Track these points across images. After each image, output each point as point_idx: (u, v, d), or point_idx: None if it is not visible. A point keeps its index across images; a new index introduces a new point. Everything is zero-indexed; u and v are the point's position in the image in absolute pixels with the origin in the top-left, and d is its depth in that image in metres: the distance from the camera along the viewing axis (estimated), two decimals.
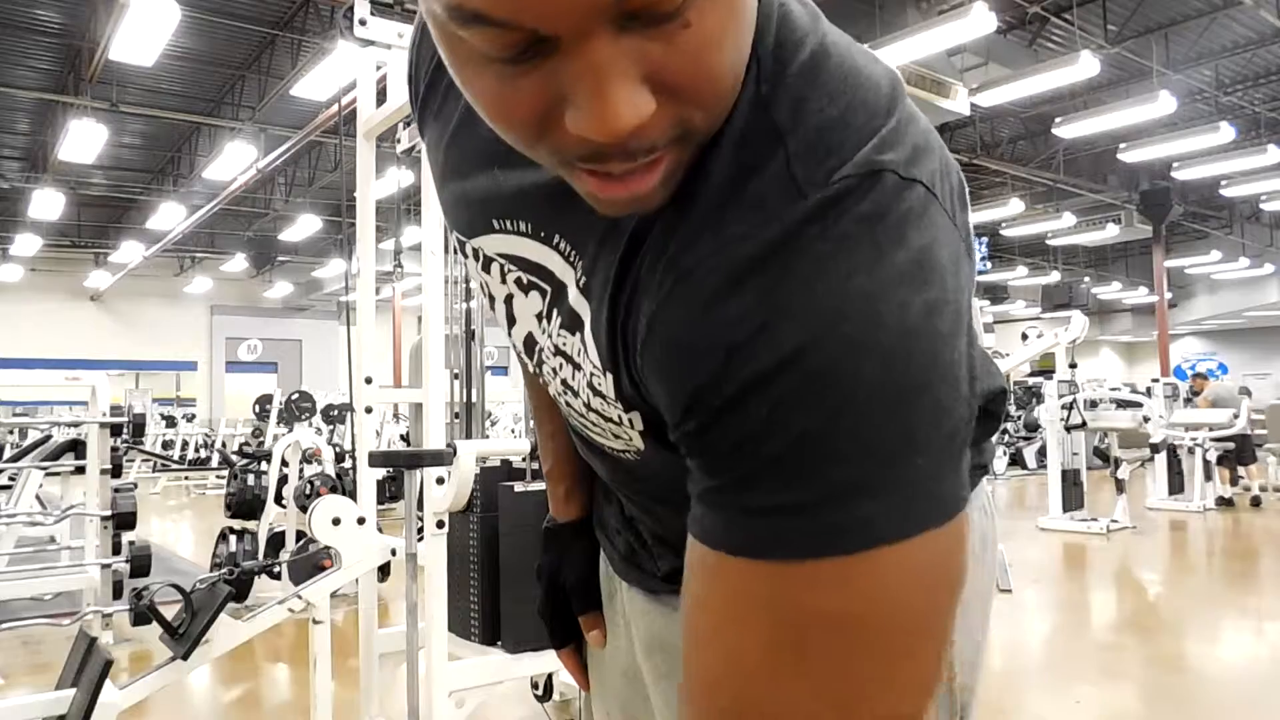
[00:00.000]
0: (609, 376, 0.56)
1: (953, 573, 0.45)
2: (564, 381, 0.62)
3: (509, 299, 0.66)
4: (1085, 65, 8.44)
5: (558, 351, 0.61)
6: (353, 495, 2.73)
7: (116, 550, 4.06)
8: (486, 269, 0.67)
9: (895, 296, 0.43)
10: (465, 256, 0.70)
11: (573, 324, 0.58)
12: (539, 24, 0.39)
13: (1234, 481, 9.44)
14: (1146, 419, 8.41)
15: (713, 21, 0.41)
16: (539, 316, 0.63)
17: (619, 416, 0.58)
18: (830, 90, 0.47)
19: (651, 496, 0.70)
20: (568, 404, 0.64)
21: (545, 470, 0.91)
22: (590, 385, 0.58)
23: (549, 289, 0.61)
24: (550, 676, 2.75)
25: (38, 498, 4.86)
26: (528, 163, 0.51)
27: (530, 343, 0.66)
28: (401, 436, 10.37)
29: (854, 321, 0.42)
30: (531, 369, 0.68)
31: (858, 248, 0.43)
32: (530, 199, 0.59)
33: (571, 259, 0.57)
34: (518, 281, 0.64)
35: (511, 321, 0.67)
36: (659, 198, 0.47)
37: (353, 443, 2.87)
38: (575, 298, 0.58)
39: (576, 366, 0.59)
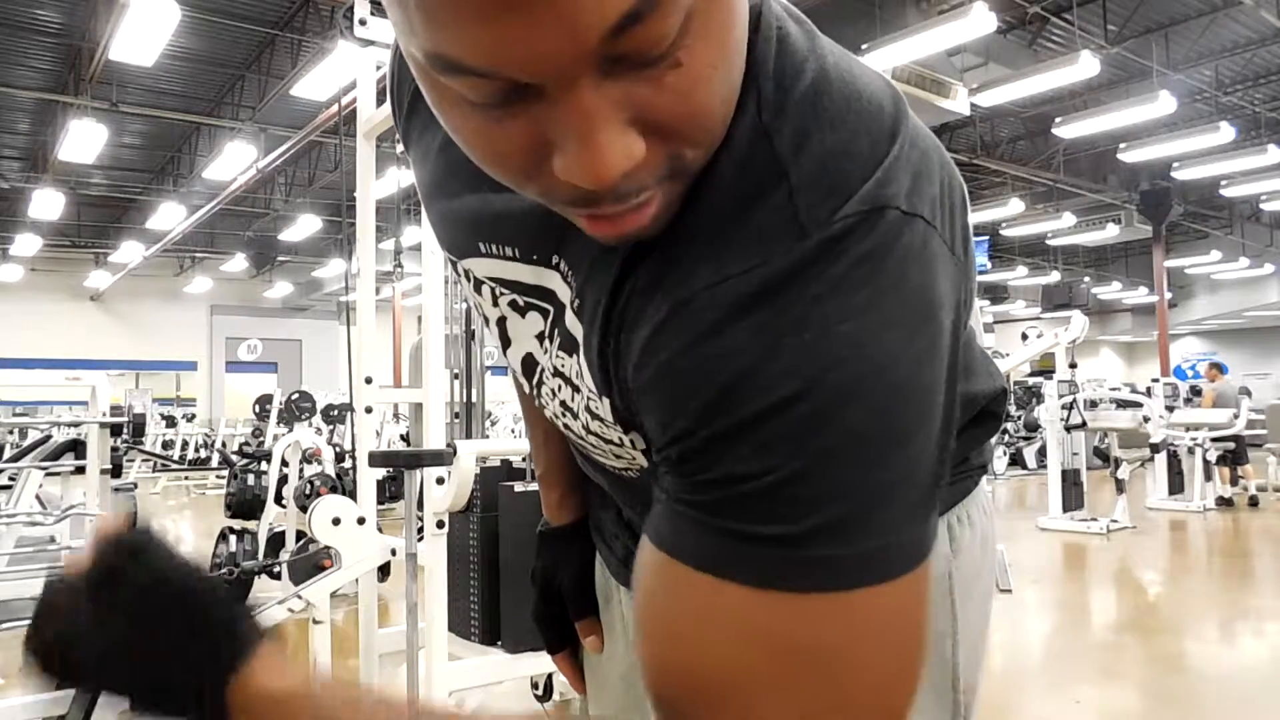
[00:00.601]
0: (605, 401, 0.55)
1: (920, 618, 0.46)
2: (563, 403, 0.61)
3: (502, 321, 0.65)
4: (1085, 65, 8.43)
5: (556, 373, 0.60)
6: (353, 495, 2.72)
7: None
8: (478, 290, 0.65)
9: (889, 345, 0.43)
10: (458, 275, 0.68)
11: (569, 346, 0.58)
12: (521, 74, 0.38)
13: (1234, 481, 9.44)
14: (1146, 419, 8.41)
15: (703, 59, 0.40)
16: (540, 337, 0.61)
17: (619, 439, 0.57)
18: (832, 117, 0.46)
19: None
20: (566, 425, 0.63)
21: (539, 475, 0.90)
22: (588, 408, 0.58)
23: (551, 309, 0.59)
24: (550, 676, 2.75)
25: (38, 498, 4.85)
26: None
27: (530, 363, 0.64)
28: (401, 436, 10.36)
29: (847, 369, 0.42)
30: (529, 390, 0.66)
31: (856, 291, 0.43)
32: (520, 222, 0.57)
33: (569, 278, 0.56)
34: (512, 304, 0.63)
35: (507, 343, 0.66)
36: (654, 229, 0.47)
37: (353, 443, 2.87)
38: (570, 319, 0.57)
39: (575, 389, 0.58)
